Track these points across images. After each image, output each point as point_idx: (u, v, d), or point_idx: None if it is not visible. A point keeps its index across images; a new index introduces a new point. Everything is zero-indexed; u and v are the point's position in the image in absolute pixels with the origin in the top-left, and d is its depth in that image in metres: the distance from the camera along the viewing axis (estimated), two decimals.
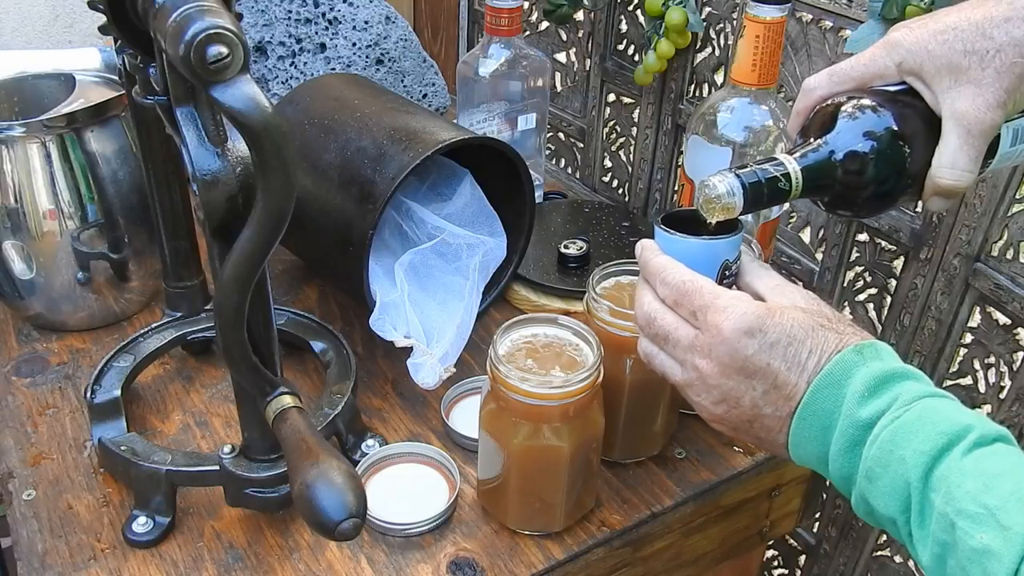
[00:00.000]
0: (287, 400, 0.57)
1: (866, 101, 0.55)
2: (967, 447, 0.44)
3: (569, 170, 1.28)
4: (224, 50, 0.43)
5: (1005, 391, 0.82)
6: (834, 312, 0.53)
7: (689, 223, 0.56)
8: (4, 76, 0.86)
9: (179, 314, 0.79)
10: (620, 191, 1.19)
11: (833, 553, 1.04)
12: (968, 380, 0.86)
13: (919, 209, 0.85)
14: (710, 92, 1.02)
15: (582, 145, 1.23)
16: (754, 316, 0.51)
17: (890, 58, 0.55)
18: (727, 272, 0.57)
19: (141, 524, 0.64)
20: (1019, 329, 0.81)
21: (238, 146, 0.51)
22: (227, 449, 0.62)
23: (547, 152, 1.27)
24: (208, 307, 0.80)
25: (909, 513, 0.45)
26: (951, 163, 0.53)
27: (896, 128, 0.54)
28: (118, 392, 0.71)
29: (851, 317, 0.91)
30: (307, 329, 0.80)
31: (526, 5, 1.23)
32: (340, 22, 1.05)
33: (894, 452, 0.46)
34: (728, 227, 0.56)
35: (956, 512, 0.42)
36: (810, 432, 0.50)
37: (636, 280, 0.70)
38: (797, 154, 0.56)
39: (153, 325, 0.78)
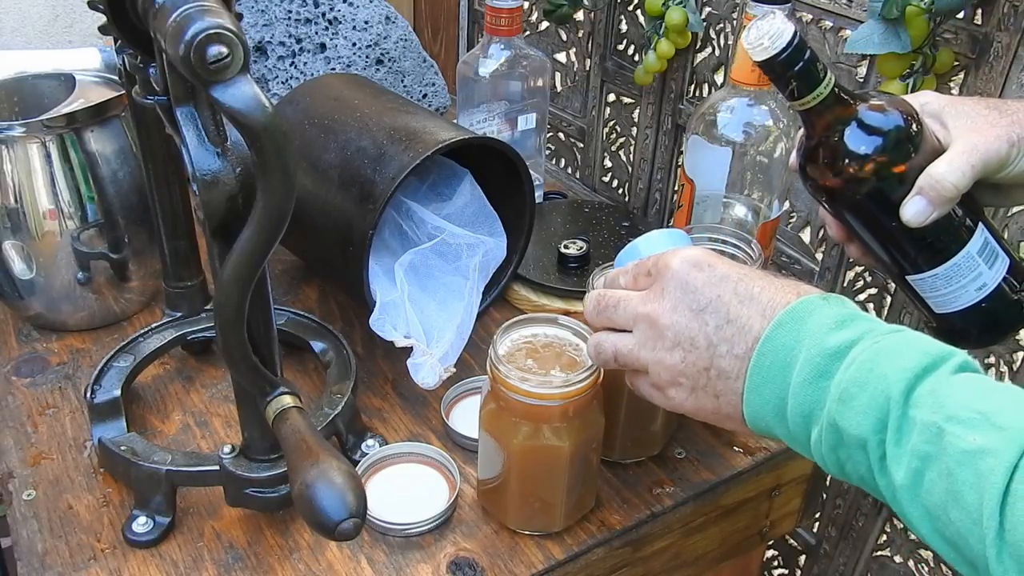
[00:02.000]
0: (287, 400, 0.57)
1: (893, 106, 0.57)
2: (954, 367, 0.43)
3: (569, 170, 1.28)
4: (224, 50, 0.43)
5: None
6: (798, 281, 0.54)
7: None
8: (4, 76, 0.86)
9: (179, 314, 0.79)
10: (620, 191, 1.19)
11: (833, 553, 1.04)
12: None
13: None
14: (710, 92, 1.02)
15: (582, 145, 1.23)
16: (703, 253, 0.52)
17: (915, 100, 0.59)
18: None
19: (141, 524, 0.64)
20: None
21: (238, 146, 0.51)
22: (227, 449, 0.62)
23: (547, 152, 1.27)
24: (208, 307, 0.80)
25: (884, 433, 0.43)
26: (948, 162, 0.55)
27: (912, 131, 0.56)
28: (118, 392, 0.71)
29: None
30: (307, 329, 0.80)
31: (526, 5, 1.23)
32: (340, 22, 1.05)
33: (874, 370, 0.44)
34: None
35: (945, 419, 0.41)
36: (769, 370, 0.48)
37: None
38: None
39: (153, 325, 0.78)
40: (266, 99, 0.45)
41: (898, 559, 0.97)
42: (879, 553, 0.99)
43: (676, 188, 1.10)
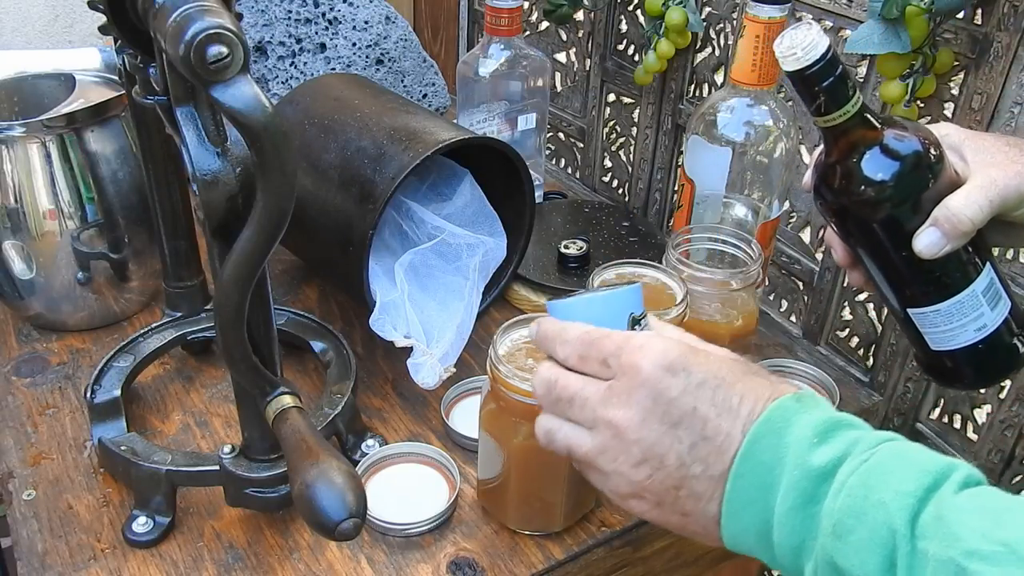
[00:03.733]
0: (287, 400, 0.57)
1: (916, 133, 0.56)
2: (957, 484, 0.39)
3: (569, 170, 1.28)
4: (224, 50, 0.43)
5: (1005, 391, 0.82)
6: (760, 367, 0.49)
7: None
8: (4, 76, 0.86)
9: (179, 314, 0.79)
10: (620, 191, 1.19)
11: None
12: None
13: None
14: (710, 92, 1.02)
15: (582, 145, 1.23)
16: (677, 352, 0.45)
17: (935, 131, 0.57)
18: (636, 327, 0.52)
19: (141, 524, 0.64)
20: None
21: (238, 146, 0.51)
22: (227, 449, 0.62)
23: (547, 152, 1.27)
24: (208, 307, 0.80)
25: (894, 571, 0.38)
26: (965, 195, 0.53)
27: (932, 160, 0.55)
28: (118, 392, 0.71)
29: (851, 318, 0.91)
30: (307, 329, 0.80)
31: (526, 5, 1.23)
32: (340, 22, 1.05)
33: (869, 497, 0.39)
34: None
35: (964, 554, 0.36)
36: (749, 493, 0.43)
37: (636, 279, 0.70)
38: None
39: (153, 325, 0.79)
40: (266, 99, 0.45)
41: None
42: None
43: (676, 188, 1.10)
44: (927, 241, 0.54)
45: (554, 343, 0.50)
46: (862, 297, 0.92)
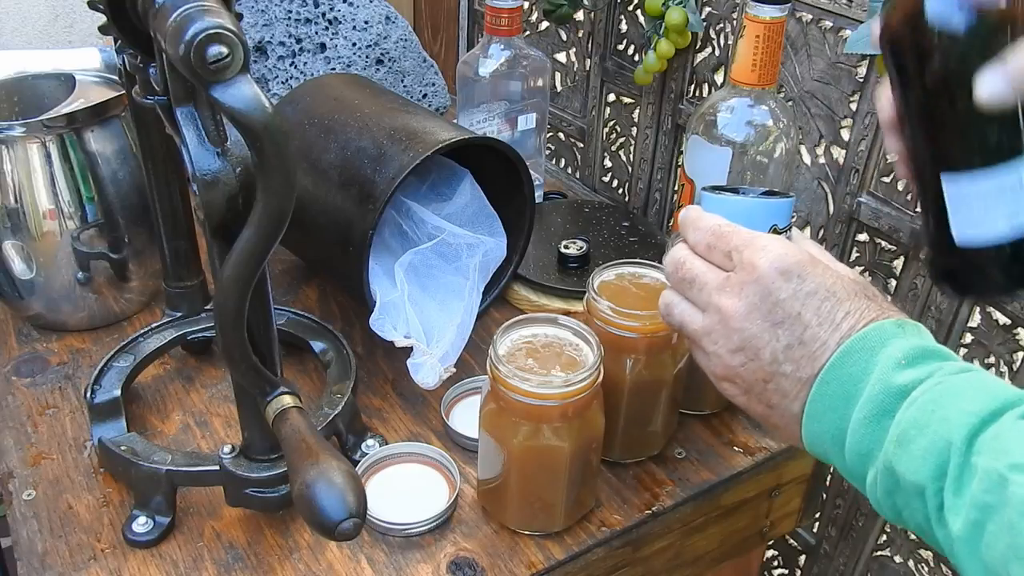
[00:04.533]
0: (287, 400, 0.57)
1: None
2: (1022, 412, 0.39)
3: (569, 170, 1.28)
4: (224, 50, 0.43)
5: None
6: (881, 292, 0.50)
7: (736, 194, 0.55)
8: (4, 76, 0.86)
9: (179, 314, 0.79)
10: (620, 191, 1.19)
11: (833, 553, 1.04)
12: None
13: (919, 209, 0.85)
14: (710, 92, 1.02)
15: (582, 145, 1.23)
16: (794, 259, 0.47)
17: None
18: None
19: (141, 524, 0.64)
20: (1019, 329, 0.81)
21: (238, 146, 0.51)
22: (227, 449, 0.62)
23: (547, 152, 1.27)
24: (208, 307, 0.80)
25: (944, 480, 0.40)
26: None
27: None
28: (118, 392, 0.71)
29: None
30: (307, 329, 0.80)
31: (526, 5, 1.23)
32: (340, 22, 1.05)
33: (936, 412, 0.41)
34: (778, 196, 0.55)
35: (1009, 467, 0.37)
36: (831, 399, 0.45)
37: (636, 278, 0.70)
38: None
39: (153, 325, 0.79)
40: (266, 99, 0.45)
41: (898, 559, 0.97)
42: (879, 553, 0.99)
43: (676, 188, 1.10)
44: (989, 86, 0.46)
45: (689, 228, 0.53)
46: None
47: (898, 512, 0.43)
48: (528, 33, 1.26)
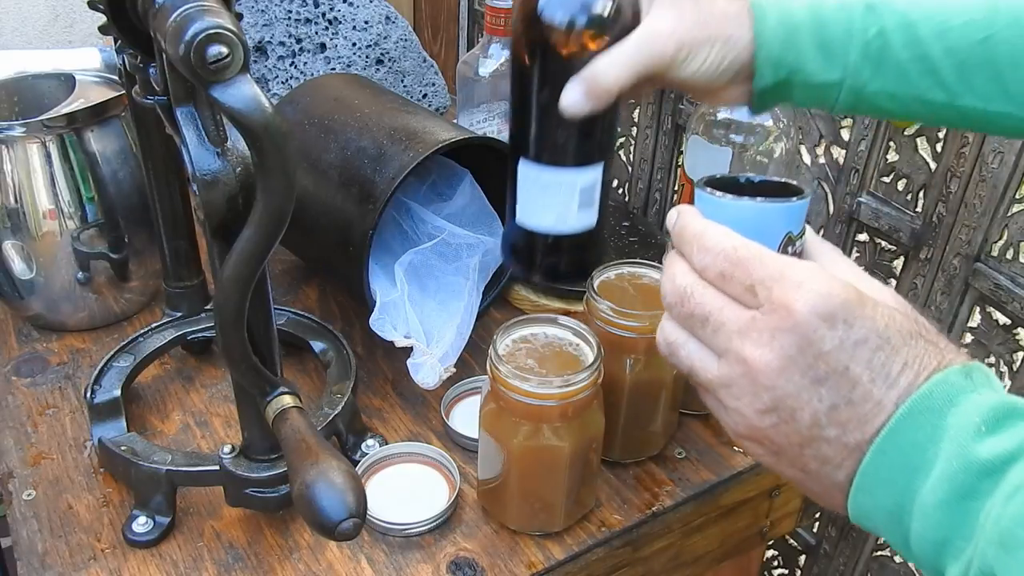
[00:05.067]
0: (287, 400, 0.57)
1: None
2: None
3: None
4: (224, 50, 0.43)
5: (1005, 391, 0.82)
6: (929, 322, 0.41)
7: (737, 191, 0.46)
8: (4, 76, 0.86)
9: (179, 314, 0.79)
10: (620, 191, 1.19)
11: (833, 553, 1.04)
12: None
13: (918, 209, 0.85)
14: None
15: None
16: (841, 300, 0.38)
17: None
18: (790, 249, 0.45)
19: (141, 524, 0.64)
20: (1019, 329, 0.81)
21: (238, 146, 0.51)
22: (227, 449, 0.62)
23: None
24: (208, 307, 0.80)
25: None
26: (610, 59, 0.52)
27: (611, 8, 0.54)
28: (118, 392, 0.71)
29: None
30: (307, 329, 0.80)
31: None
32: (340, 22, 1.05)
33: None
34: (789, 192, 0.46)
35: None
36: (891, 472, 0.38)
37: (636, 279, 0.70)
38: None
39: (153, 325, 0.79)
40: (266, 99, 0.45)
41: (898, 559, 0.97)
42: (879, 553, 0.99)
43: (676, 188, 1.10)
44: (570, 97, 0.52)
45: (692, 246, 0.43)
46: None
47: None
48: None
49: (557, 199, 0.58)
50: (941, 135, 0.82)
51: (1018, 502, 0.34)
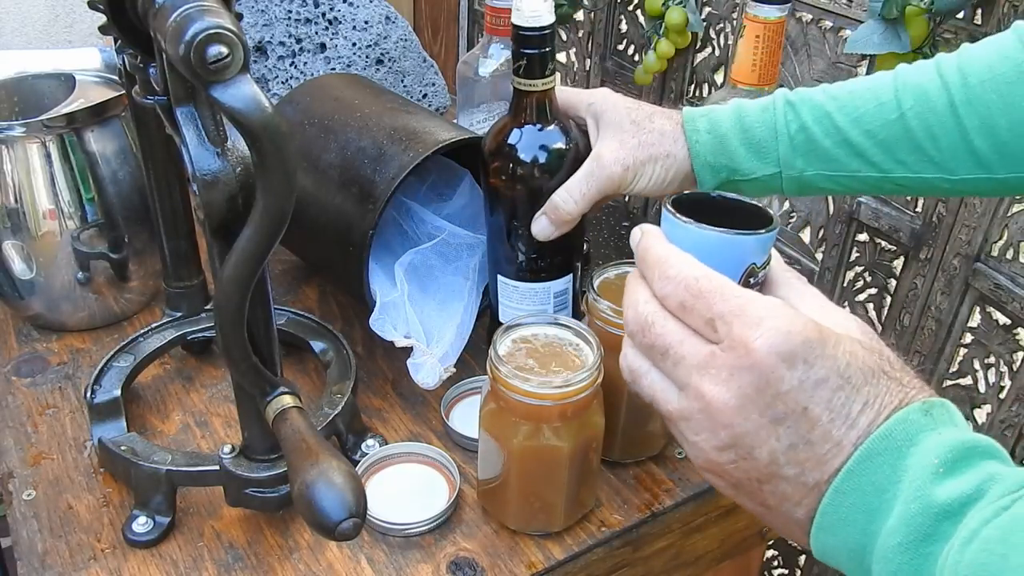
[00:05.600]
0: (287, 400, 0.57)
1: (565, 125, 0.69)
2: None
3: None
4: (224, 50, 0.43)
5: (1005, 391, 0.82)
6: (895, 355, 0.41)
7: (706, 212, 0.45)
8: (4, 76, 0.86)
9: (179, 314, 0.79)
10: None
11: None
12: (968, 380, 0.86)
13: (918, 209, 0.85)
14: (710, 92, 1.02)
15: None
16: (801, 338, 0.38)
17: (585, 98, 0.68)
18: (752, 280, 0.45)
19: (141, 524, 0.64)
20: (1019, 329, 0.81)
21: (238, 146, 0.51)
22: (227, 449, 0.62)
23: None
24: (208, 307, 0.80)
25: None
26: (566, 190, 0.65)
27: (564, 147, 0.68)
28: (118, 392, 0.71)
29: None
30: (307, 329, 0.80)
31: None
32: (340, 22, 1.05)
33: (1009, 558, 0.32)
34: (758, 221, 0.45)
35: None
36: (850, 512, 0.37)
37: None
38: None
39: (153, 325, 0.79)
40: (266, 99, 0.45)
41: None
42: None
43: None
44: (538, 226, 0.66)
45: (654, 271, 0.42)
46: (862, 297, 0.92)
47: None
48: None
49: (532, 305, 0.73)
50: None
51: (974, 549, 0.33)
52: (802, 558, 1.11)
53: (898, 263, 0.89)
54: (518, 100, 0.67)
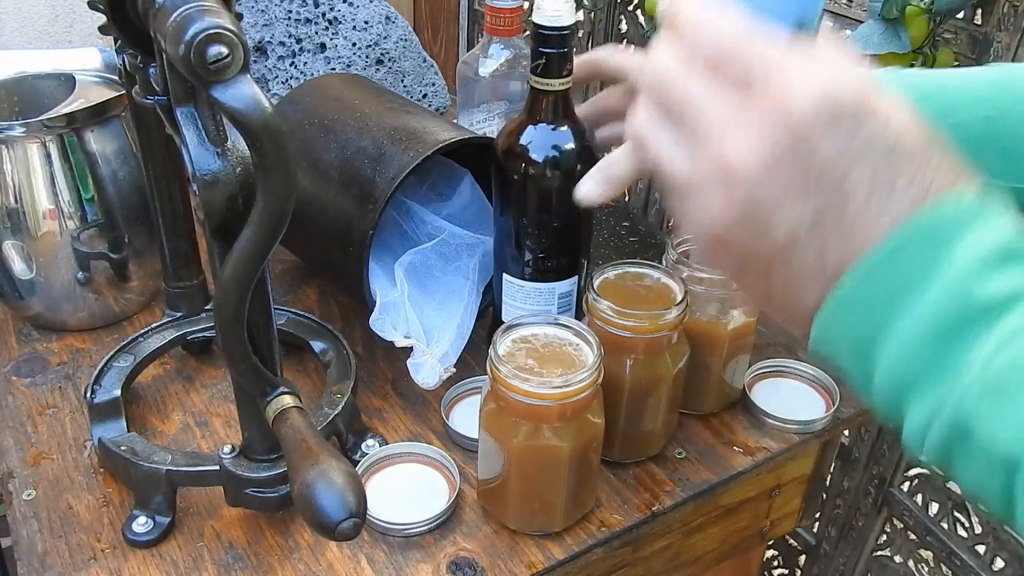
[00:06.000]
0: (287, 400, 0.57)
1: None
2: None
3: None
4: (224, 50, 0.43)
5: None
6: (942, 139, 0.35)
7: None
8: (4, 76, 0.85)
9: (179, 314, 0.79)
10: None
11: (833, 553, 1.04)
12: None
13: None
14: None
15: None
16: (852, 92, 0.32)
17: (633, 62, 0.64)
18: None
19: (141, 524, 0.64)
20: None
21: (238, 146, 0.51)
22: (227, 449, 0.62)
23: None
24: (208, 307, 0.80)
25: None
26: (621, 150, 0.49)
27: (579, 147, 0.68)
28: (118, 392, 0.71)
29: None
30: (307, 329, 0.80)
31: (526, 5, 1.23)
32: (340, 22, 1.05)
33: None
34: None
35: None
36: (871, 299, 0.32)
37: (636, 278, 0.70)
38: None
39: (153, 325, 0.79)
40: (266, 99, 0.45)
41: (898, 559, 0.97)
42: (879, 553, 0.99)
43: None
44: (584, 189, 0.46)
45: (684, 33, 0.36)
46: None
47: (950, 465, 0.32)
48: (528, 33, 1.26)
49: (538, 305, 0.74)
50: None
51: (1014, 352, 0.30)
52: (802, 558, 1.11)
53: None
54: (534, 99, 0.67)
